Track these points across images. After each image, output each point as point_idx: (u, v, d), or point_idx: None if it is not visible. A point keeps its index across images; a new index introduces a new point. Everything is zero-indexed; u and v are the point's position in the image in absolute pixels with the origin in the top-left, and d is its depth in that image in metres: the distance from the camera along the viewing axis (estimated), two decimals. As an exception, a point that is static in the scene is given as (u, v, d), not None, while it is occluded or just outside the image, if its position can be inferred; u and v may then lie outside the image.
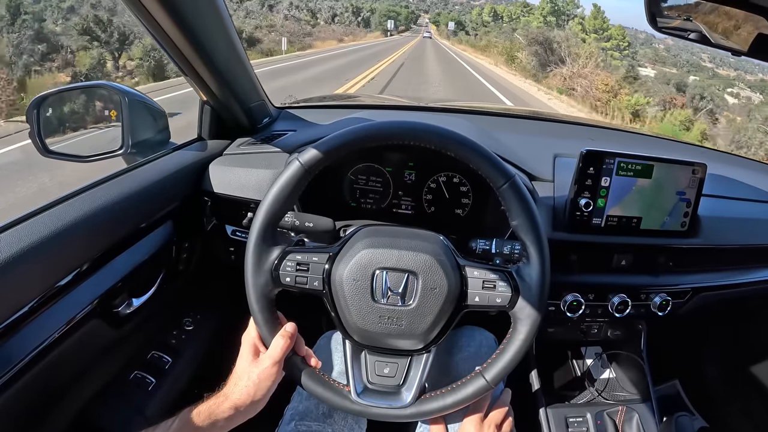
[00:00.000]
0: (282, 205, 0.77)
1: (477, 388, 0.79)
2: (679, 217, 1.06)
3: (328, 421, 0.92)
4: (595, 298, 1.07)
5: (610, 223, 1.03)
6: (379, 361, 0.81)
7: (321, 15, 54.13)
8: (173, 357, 1.16)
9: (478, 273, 0.78)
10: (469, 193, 1.13)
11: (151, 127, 1.15)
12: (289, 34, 25.46)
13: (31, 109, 1.04)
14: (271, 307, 0.79)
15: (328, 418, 0.92)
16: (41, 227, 0.74)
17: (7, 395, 0.70)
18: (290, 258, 0.77)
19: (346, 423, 0.94)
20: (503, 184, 0.75)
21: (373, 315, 0.76)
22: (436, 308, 0.76)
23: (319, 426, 0.91)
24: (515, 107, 7.66)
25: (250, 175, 1.08)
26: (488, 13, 68.91)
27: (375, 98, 1.99)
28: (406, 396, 0.80)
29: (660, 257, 1.10)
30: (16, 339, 0.71)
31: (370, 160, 1.14)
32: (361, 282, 0.76)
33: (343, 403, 0.79)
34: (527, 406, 1.19)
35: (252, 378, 0.76)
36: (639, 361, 1.24)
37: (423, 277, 0.76)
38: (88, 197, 0.86)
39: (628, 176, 1.01)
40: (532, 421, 1.16)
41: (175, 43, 0.90)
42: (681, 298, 1.14)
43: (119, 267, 0.92)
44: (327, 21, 52.41)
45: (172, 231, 1.08)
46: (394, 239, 0.79)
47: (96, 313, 0.87)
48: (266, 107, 1.30)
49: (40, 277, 0.74)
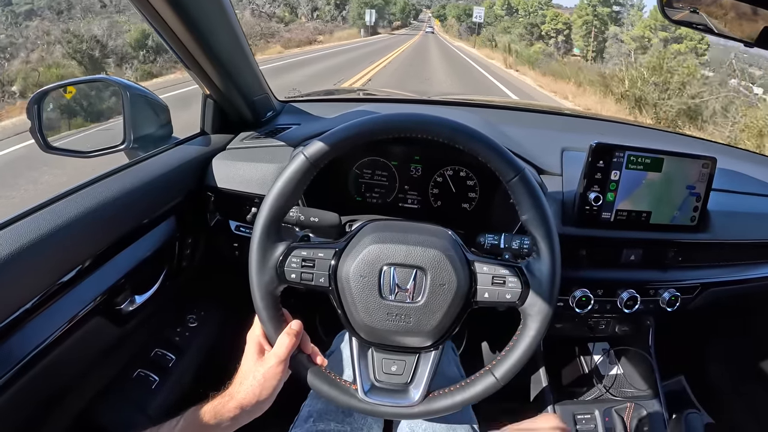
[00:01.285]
0: (287, 200, 0.75)
1: (486, 386, 0.78)
2: (688, 211, 1.05)
3: (348, 420, 0.91)
4: (604, 293, 1.06)
5: (619, 217, 1.02)
6: (387, 358, 0.80)
7: (301, 10, 44.44)
8: (177, 354, 1.15)
9: (488, 268, 0.76)
10: (476, 187, 1.12)
11: (153, 122, 1.14)
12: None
13: (32, 105, 1.03)
14: (276, 304, 0.78)
15: (348, 417, 0.91)
16: (43, 224, 0.73)
17: (9, 394, 0.69)
18: (295, 254, 0.76)
19: (365, 422, 0.93)
20: (513, 177, 0.74)
21: (381, 312, 0.75)
22: (445, 305, 0.74)
23: (338, 426, 0.90)
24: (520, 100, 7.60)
25: (254, 170, 1.07)
26: (501, 6, 56.82)
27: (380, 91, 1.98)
28: (414, 394, 0.78)
29: (669, 252, 1.09)
30: (18, 337, 0.70)
31: (375, 154, 1.13)
32: (368, 278, 0.74)
33: (349, 401, 0.78)
34: (535, 403, 1.19)
35: (257, 377, 0.75)
36: (647, 357, 1.23)
37: (432, 273, 0.74)
38: (89, 193, 0.84)
39: (638, 170, 1.00)
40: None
41: (178, 36, 0.89)
42: (690, 294, 1.13)
43: (122, 264, 0.91)
44: (307, 17, 44.06)
45: (175, 227, 1.07)
46: (402, 234, 0.77)
47: (98, 310, 0.85)
48: (270, 101, 1.29)
49: (42, 275, 0.73)
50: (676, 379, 1.59)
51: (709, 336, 1.56)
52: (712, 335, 1.56)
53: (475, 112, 1.43)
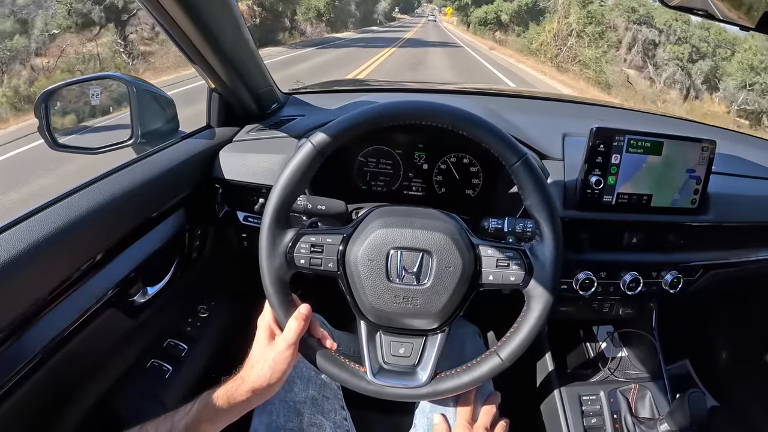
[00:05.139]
0: (295, 188, 0.77)
1: (492, 366, 0.79)
2: (689, 194, 1.06)
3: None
4: (606, 276, 1.07)
5: (620, 200, 1.03)
6: (394, 341, 0.82)
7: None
8: (189, 344, 1.17)
9: (492, 252, 0.78)
10: (479, 173, 1.13)
11: (160, 117, 1.16)
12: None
13: (39, 104, 1.05)
14: (285, 290, 0.80)
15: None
16: (56, 219, 0.75)
17: (25, 387, 0.71)
18: (304, 240, 0.78)
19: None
20: (516, 162, 0.75)
21: (388, 295, 0.76)
22: (451, 287, 0.76)
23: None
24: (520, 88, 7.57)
25: (261, 161, 1.09)
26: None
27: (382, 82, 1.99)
28: (422, 375, 0.80)
29: (670, 235, 1.10)
30: (34, 331, 0.72)
31: (379, 143, 1.14)
32: (375, 262, 0.76)
33: (358, 383, 0.80)
34: (542, 386, 1.20)
35: (268, 361, 0.77)
36: (650, 339, 1.25)
37: (437, 256, 0.76)
38: (99, 188, 0.86)
39: (638, 153, 1.01)
40: (548, 401, 1.17)
41: (184, 30, 0.90)
42: (692, 276, 1.14)
43: (133, 256, 0.93)
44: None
45: (185, 219, 1.09)
46: (408, 219, 0.79)
47: (111, 302, 0.87)
48: (274, 93, 1.30)
49: (54, 269, 0.75)
50: (680, 362, 1.61)
51: (713, 320, 1.57)
52: (715, 320, 1.57)
53: (476, 100, 1.44)
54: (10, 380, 0.69)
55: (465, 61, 18.80)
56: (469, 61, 18.72)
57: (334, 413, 0.94)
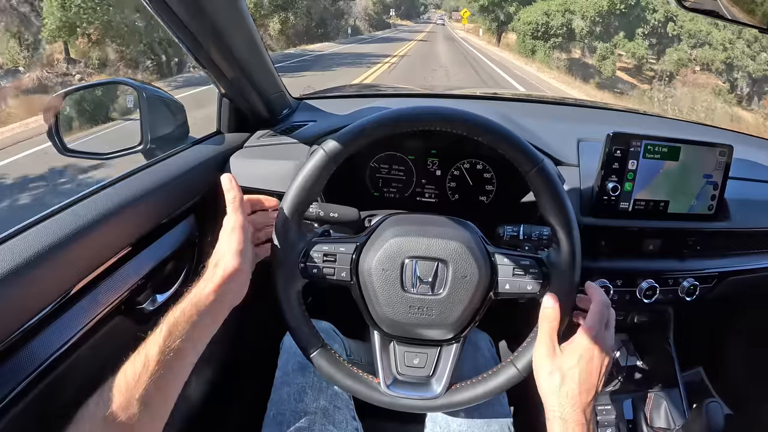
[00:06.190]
0: (307, 195, 0.76)
1: (509, 377, 0.78)
2: (706, 200, 1.04)
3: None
4: (623, 283, 1.05)
5: (637, 207, 1.01)
6: (409, 351, 0.80)
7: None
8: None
9: (508, 260, 0.77)
10: (493, 180, 1.12)
11: (170, 122, 1.15)
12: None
13: (49, 108, 1.04)
14: (299, 299, 0.79)
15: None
16: (65, 226, 0.74)
17: (33, 395, 0.70)
18: (317, 249, 0.76)
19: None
20: (532, 168, 0.74)
21: (403, 305, 0.75)
22: (467, 297, 0.75)
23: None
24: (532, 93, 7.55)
25: (273, 167, 1.08)
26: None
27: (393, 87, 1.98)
28: (436, 387, 0.79)
29: (687, 241, 1.08)
30: (42, 339, 0.71)
31: (392, 149, 1.13)
32: (390, 271, 0.75)
33: (372, 394, 0.79)
34: None
35: (225, 249, 0.76)
36: (666, 347, 1.23)
37: (453, 265, 0.75)
38: (109, 194, 0.85)
39: (655, 159, 0.99)
40: None
41: (195, 35, 0.89)
42: (708, 283, 1.12)
43: (143, 263, 0.91)
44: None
45: (194, 226, 1.08)
46: (423, 227, 0.77)
47: (121, 310, 0.86)
48: (285, 98, 1.29)
49: (63, 276, 0.74)
50: (694, 370, 1.58)
51: (729, 327, 1.55)
52: (731, 327, 1.54)
53: (488, 105, 1.43)
54: (18, 387, 0.68)
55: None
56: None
57: (345, 423, 0.92)
